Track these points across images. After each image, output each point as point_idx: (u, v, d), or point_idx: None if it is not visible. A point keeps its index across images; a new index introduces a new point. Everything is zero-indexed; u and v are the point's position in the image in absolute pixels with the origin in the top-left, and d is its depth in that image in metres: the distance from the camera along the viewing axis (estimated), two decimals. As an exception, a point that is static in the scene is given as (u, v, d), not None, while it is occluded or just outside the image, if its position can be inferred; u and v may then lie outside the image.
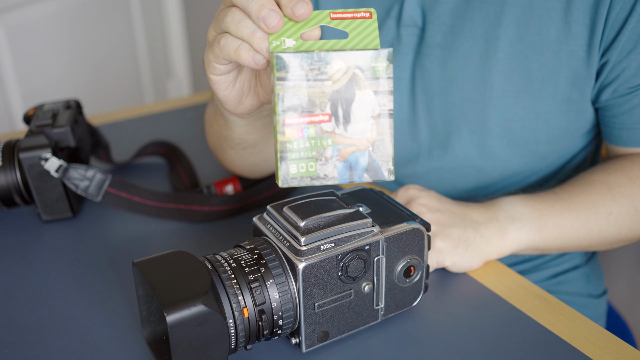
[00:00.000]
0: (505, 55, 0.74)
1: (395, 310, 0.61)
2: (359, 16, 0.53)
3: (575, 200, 0.72)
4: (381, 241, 0.56)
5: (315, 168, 0.52)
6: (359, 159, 0.52)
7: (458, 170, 0.82)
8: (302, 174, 0.52)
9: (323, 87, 0.51)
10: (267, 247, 0.56)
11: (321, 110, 0.51)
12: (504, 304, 0.65)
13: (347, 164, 0.52)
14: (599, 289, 0.91)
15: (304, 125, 0.51)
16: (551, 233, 0.70)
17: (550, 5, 0.72)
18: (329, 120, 0.51)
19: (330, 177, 0.52)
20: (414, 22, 0.78)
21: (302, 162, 0.51)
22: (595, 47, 0.71)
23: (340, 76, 0.51)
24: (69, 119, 0.79)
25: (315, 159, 0.52)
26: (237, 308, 0.53)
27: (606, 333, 0.61)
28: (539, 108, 0.75)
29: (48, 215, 0.78)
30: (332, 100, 0.51)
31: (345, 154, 0.52)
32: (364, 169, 0.52)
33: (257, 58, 0.53)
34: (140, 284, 0.56)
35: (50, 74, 2.03)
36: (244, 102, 0.62)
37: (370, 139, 0.52)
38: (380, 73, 0.52)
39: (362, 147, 0.52)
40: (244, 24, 0.52)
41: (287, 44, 0.52)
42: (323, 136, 0.52)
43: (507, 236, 0.69)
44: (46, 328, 0.63)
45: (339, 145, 0.52)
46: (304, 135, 0.51)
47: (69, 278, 0.70)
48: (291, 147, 0.51)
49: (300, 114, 0.51)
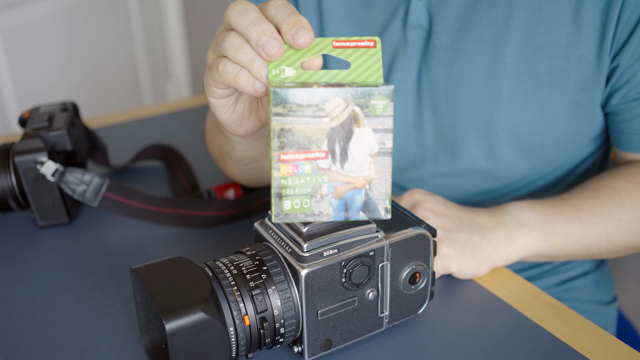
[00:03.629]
0: (513, 58, 0.74)
1: (400, 318, 0.60)
2: (363, 45, 0.52)
3: (584, 207, 0.71)
4: (386, 247, 0.56)
5: (310, 205, 0.51)
6: (355, 197, 0.52)
7: (465, 175, 0.82)
8: (297, 210, 0.51)
9: (320, 124, 0.50)
10: (268, 253, 0.55)
11: (317, 147, 0.50)
12: (511, 311, 0.64)
13: (342, 202, 0.51)
14: (609, 296, 0.90)
15: (299, 161, 0.50)
16: (559, 239, 0.70)
17: (560, 8, 0.71)
18: (325, 157, 0.51)
19: (325, 214, 0.51)
20: (420, 24, 0.78)
21: (296, 199, 0.51)
22: (605, 50, 0.70)
23: (338, 113, 0.50)
24: (65, 121, 0.79)
25: (310, 196, 0.51)
26: (238, 316, 0.52)
27: (616, 341, 0.61)
28: (547, 112, 0.75)
29: (44, 220, 0.78)
30: (329, 137, 0.50)
31: (341, 191, 0.51)
32: (359, 207, 0.52)
33: (256, 85, 0.52)
34: (139, 291, 0.55)
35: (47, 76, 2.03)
36: (245, 124, 0.61)
37: (368, 177, 0.51)
38: (380, 111, 0.51)
39: (358, 185, 0.51)
40: (243, 50, 0.51)
41: (287, 73, 0.51)
42: (319, 173, 0.51)
43: (514, 242, 0.68)
44: (42, 336, 0.62)
45: (334, 183, 0.51)
46: (299, 171, 0.50)
47: (65, 285, 0.69)
48: (286, 184, 0.50)
49: (296, 150, 0.50)
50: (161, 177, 0.92)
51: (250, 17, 0.50)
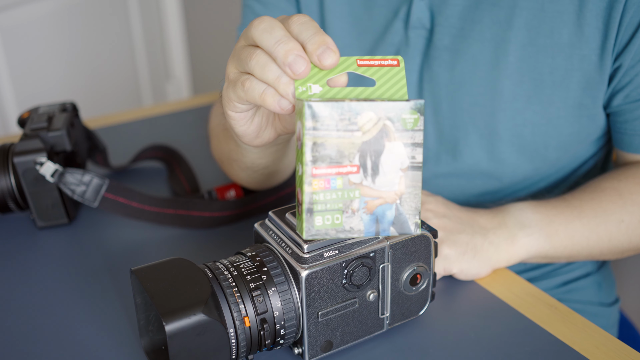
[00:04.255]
0: (515, 58, 0.74)
1: (401, 319, 0.60)
2: (387, 64, 0.52)
3: (586, 207, 0.71)
4: (386, 248, 0.55)
5: (341, 220, 0.51)
6: (386, 212, 0.51)
7: (467, 176, 0.81)
8: (328, 226, 0.50)
9: (352, 138, 0.50)
10: (269, 254, 0.55)
11: (349, 162, 0.50)
12: (512, 312, 0.64)
13: (373, 217, 0.51)
14: (611, 297, 0.90)
15: (331, 176, 0.50)
16: (561, 240, 0.70)
17: (563, 9, 0.71)
18: (357, 171, 0.51)
19: (357, 230, 0.51)
20: (422, 24, 0.77)
21: (327, 214, 0.50)
22: (608, 51, 0.70)
23: (370, 127, 0.50)
24: (65, 122, 0.78)
25: (341, 211, 0.51)
26: (238, 317, 0.52)
27: (618, 342, 0.60)
28: (549, 113, 0.75)
29: (43, 221, 0.78)
30: (361, 152, 0.50)
31: (372, 206, 0.51)
32: (390, 222, 0.52)
33: (282, 104, 0.51)
34: (138, 292, 0.55)
35: (46, 76, 2.03)
36: (262, 136, 0.61)
37: (399, 192, 0.51)
38: (411, 125, 0.51)
39: (389, 200, 0.51)
40: (269, 69, 0.50)
41: (314, 90, 0.51)
42: (350, 188, 0.51)
43: (516, 243, 0.68)
44: (41, 338, 0.62)
45: (366, 198, 0.51)
46: (331, 186, 0.50)
47: (64, 286, 0.69)
48: (317, 199, 0.50)
49: (328, 165, 0.50)
50: (161, 178, 0.91)
51: (277, 36, 0.50)
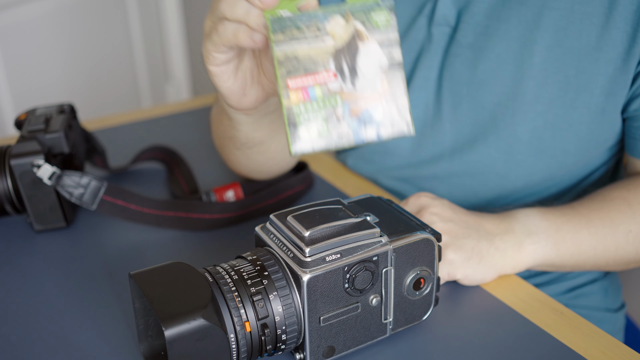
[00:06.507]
0: (541, 59, 0.73)
1: (404, 324, 0.59)
2: None
3: (594, 216, 0.70)
4: (389, 252, 0.55)
5: (327, 129, 0.50)
6: (373, 113, 0.51)
7: (481, 176, 0.80)
8: (314, 137, 0.50)
9: (324, 45, 0.50)
10: (270, 258, 0.55)
11: (324, 68, 0.50)
12: (518, 317, 0.63)
13: (361, 121, 0.50)
14: (617, 303, 0.89)
15: (308, 86, 0.50)
16: (568, 249, 0.69)
17: (592, 11, 0.70)
18: (334, 77, 0.50)
19: (345, 137, 0.50)
20: (447, 21, 0.77)
21: (311, 124, 0.50)
22: (634, 55, 0.69)
23: (340, 32, 0.50)
24: (62, 124, 0.78)
25: (326, 120, 0.50)
26: (238, 322, 0.52)
27: (625, 348, 0.60)
28: (571, 118, 0.74)
29: (40, 224, 0.77)
30: (335, 58, 0.50)
31: (357, 110, 0.50)
32: (379, 123, 0.51)
33: (255, 37, 0.52)
34: (137, 297, 0.55)
35: (43, 77, 2.02)
36: (248, 94, 0.61)
37: (382, 92, 0.51)
38: (383, 24, 0.50)
39: (374, 100, 0.50)
40: (239, 5, 0.52)
41: (284, 15, 0.52)
42: (331, 95, 0.50)
43: (522, 250, 0.67)
44: (39, 343, 0.62)
45: (349, 103, 0.50)
46: (310, 96, 0.50)
47: (62, 291, 0.69)
48: (298, 111, 0.49)
49: (303, 75, 0.50)
50: (160, 180, 0.91)
51: None
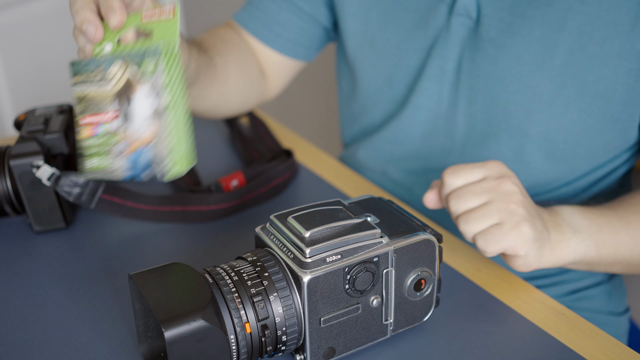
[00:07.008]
0: (561, 62, 0.72)
1: (405, 326, 0.59)
2: (164, 18, 0.59)
3: (632, 219, 0.69)
4: (390, 253, 0.55)
5: (107, 163, 0.59)
6: (140, 157, 0.57)
7: None
8: (100, 167, 0.59)
9: (108, 88, 0.56)
10: (270, 259, 0.55)
11: (107, 110, 0.57)
12: (519, 319, 0.63)
13: (130, 160, 0.57)
14: (621, 307, 0.89)
15: (95, 125, 0.58)
16: (608, 250, 0.68)
17: (618, 19, 0.70)
18: (116, 118, 0.58)
19: (120, 172, 0.58)
20: (468, 12, 0.76)
21: (95, 158, 0.59)
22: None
23: (119, 76, 0.56)
24: (62, 124, 0.78)
25: (107, 155, 0.59)
26: (238, 323, 0.52)
27: (626, 349, 0.60)
28: (585, 123, 0.74)
29: (40, 225, 0.77)
30: (117, 100, 0.56)
31: (130, 150, 0.57)
32: (145, 165, 0.57)
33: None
34: (137, 298, 0.55)
35: (43, 77, 2.02)
36: None
37: (147, 139, 0.56)
38: (151, 71, 0.55)
39: (142, 144, 0.56)
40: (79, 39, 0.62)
41: (106, 49, 0.60)
42: (111, 135, 0.58)
43: (568, 247, 0.66)
44: (38, 344, 0.61)
45: (124, 143, 0.57)
46: (97, 133, 0.59)
47: (62, 292, 0.68)
48: (87, 145, 0.59)
49: (91, 114, 0.58)
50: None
51: (76, 7, 0.60)
